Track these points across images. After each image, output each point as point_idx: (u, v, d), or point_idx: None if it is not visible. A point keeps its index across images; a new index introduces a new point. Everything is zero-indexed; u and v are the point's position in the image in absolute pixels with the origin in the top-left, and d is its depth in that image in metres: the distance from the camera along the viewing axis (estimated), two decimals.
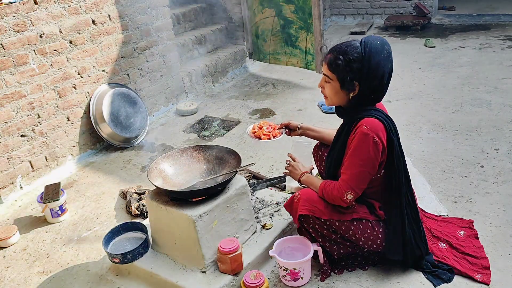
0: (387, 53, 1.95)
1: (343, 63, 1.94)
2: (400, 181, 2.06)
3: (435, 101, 4.10)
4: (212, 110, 4.47)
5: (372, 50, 1.92)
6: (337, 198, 2.02)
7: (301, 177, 2.23)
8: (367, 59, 1.92)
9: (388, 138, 1.99)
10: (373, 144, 1.93)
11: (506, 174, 2.91)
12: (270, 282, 2.22)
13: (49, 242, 2.75)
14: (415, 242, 2.12)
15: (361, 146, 1.95)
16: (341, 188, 2.00)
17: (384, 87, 2.00)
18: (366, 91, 1.98)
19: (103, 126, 3.69)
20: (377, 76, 1.94)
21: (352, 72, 1.94)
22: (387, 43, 1.99)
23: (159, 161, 2.36)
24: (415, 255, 2.14)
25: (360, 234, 2.09)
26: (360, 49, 1.94)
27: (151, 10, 4.17)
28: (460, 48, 5.50)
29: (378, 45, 1.94)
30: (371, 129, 1.94)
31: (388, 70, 1.96)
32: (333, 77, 2.00)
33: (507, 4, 7.25)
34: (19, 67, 3.18)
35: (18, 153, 3.25)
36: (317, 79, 4.87)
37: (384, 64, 1.94)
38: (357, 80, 1.95)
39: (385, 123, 1.98)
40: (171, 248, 2.26)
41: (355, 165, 1.98)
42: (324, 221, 2.08)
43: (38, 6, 3.24)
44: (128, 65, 4.04)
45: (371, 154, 1.95)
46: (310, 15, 4.53)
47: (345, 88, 1.99)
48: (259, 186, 2.84)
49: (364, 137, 1.94)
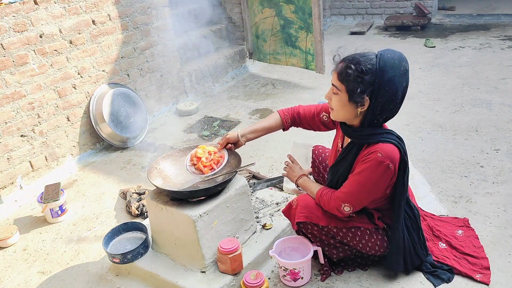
0: (403, 69, 1.82)
1: (354, 73, 1.81)
2: (404, 197, 2.03)
3: (435, 101, 4.10)
4: (212, 110, 4.47)
5: (387, 64, 1.80)
6: (334, 208, 1.99)
7: (298, 180, 2.22)
8: (381, 72, 1.79)
9: (401, 161, 1.92)
10: (386, 172, 1.87)
11: (506, 174, 2.91)
12: (270, 282, 2.22)
13: (49, 242, 2.75)
14: (415, 251, 2.12)
15: (373, 172, 1.88)
16: (339, 199, 1.96)
17: (396, 106, 1.87)
18: (377, 108, 1.86)
19: (103, 126, 3.70)
20: (389, 92, 1.81)
21: (363, 84, 1.81)
22: (405, 59, 1.86)
23: (159, 161, 2.36)
24: (414, 264, 2.15)
25: (358, 240, 2.08)
26: (375, 61, 1.81)
27: (151, 10, 4.17)
28: (460, 48, 5.50)
29: (395, 59, 1.82)
30: (387, 157, 1.85)
31: (402, 88, 1.84)
32: (341, 87, 1.87)
33: (507, 4, 7.24)
34: (19, 67, 3.18)
35: (18, 153, 3.25)
36: (317, 79, 4.88)
37: (399, 82, 1.81)
38: (368, 94, 1.82)
39: (400, 148, 1.91)
40: (171, 248, 2.26)
41: (361, 186, 1.92)
42: (322, 228, 2.07)
43: (38, 6, 3.24)
44: (128, 65, 4.04)
45: (380, 181, 1.90)
46: (310, 15, 4.53)
47: (353, 101, 1.85)
48: (259, 186, 2.84)
49: (378, 164, 1.86)
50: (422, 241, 2.16)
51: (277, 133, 3.95)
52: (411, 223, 2.11)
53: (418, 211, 2.17)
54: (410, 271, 2.16)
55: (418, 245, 2.13)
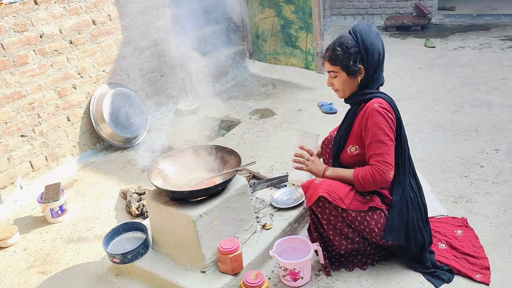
0: (375, 32, 2.10)
1: (341, 52, 2.07)
2: (405, 161, 2.12)
3: (435, 101, 4.10)
4: (212, 110, 4.46)
5: (363, 32, 2.08)
6: (382, 181, 2.03)
7: (325, 172, 2.19)
8: (361, 41, 2.06)
9: (395, 115, 2.09)
10: (387, 115, 2.04)
11: (506, 174, 2.91)
12: (270, 282, 2.22)
13: (49, 242, 2.75)
14: (419, 227, 2.13)
15: (379, 121, 2.02)
16: (381, 169, 2.02)
17: (382, 63, 2.12)
18: (370, 71, 2.09)
19: (103, 126, 3.70)
20: (374, 53, 2.07)
21: (352, 56, 2.06)
22: (373, 25, 2.19)
23: (159, 161, 2.36)
24: (417, 241, 2.13)
25: (374, 225, 2.09)
26: (352, 36, 2.09)
27: (151, 10, 4.17)
28: (460, 48, 5.50)
29: (366, 27, 2.10)
30: (381, 106, 2.04)
31: (381, 47, 2.10)
32: (337, 69, 2.11)
33: (507, 4, 7.25)
34: (19, 67, 3.18)
35: (18, 153, 3.25)
36: (317, 79, 4.88)
37: (376, 42, 2.08)
38: (360, 61, 2.07)
39: (390, 103, 2.10)
40: (171, 248, 2.26)
41: (382, 141, 2.03)
42: (341, 212, 2.07)
43: (38, 6, 3.25)
44: (128, 65, 4.04)
45: (389, 125, 2.04)
46: (310, 15, 4.53)
47: (352, 73, 2.09)
48: (259, 186, 2.84)
49: (377, 113, 2.03)
50: (427, 220, 2.19)
51: (277, 133, 3.95)
52: (414, 195, 2.15)
53: (421, 190, 2.22)
54: (411, 247, 2.14)
55: (421, 222, 2.15)
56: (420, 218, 2.16)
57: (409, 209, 2.11)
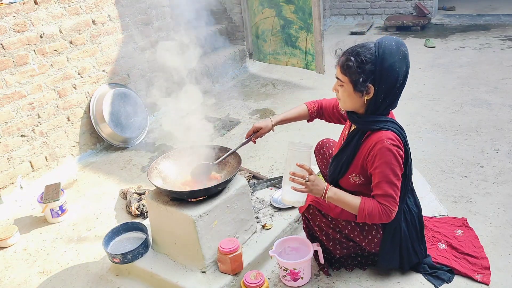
0: (402, 54, 1.85)
1: (354, 64, 1.85)
2: (407, 189, 2.04)
3: (435, 101, 4.10)
4: (212, 110, 4.46)
5: (386, 51, 1.84)
6: (387, 219, 1.92)
7: (326, 192, 1.93)
8: (380, 60, 1.83)
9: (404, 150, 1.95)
10: (397, 154, 1.88)
11: (506, 174, 2.91)
12: (270, 282, 2.22)
13: (49, 242, 2.75)
14: (413, 248, 2.11)
15: (389, 161, 1.87)
16: (390, 209, 1.90)
17: (398, 90, 1.91)
18: (380, 95, 1.89)
19: (103, 126, 3.70)
20: (391, 78, 1.85)
21: (365, 74, 1.85)
22: (403, 44, 1.88)
23: (159, 161, 2.36)
24: (411, 262, 2.14)
25: (364, 236, 2.08)
26: (374, 50, 1.85)
27: (151, 10, 4.17)
28: (460, 48, 5.50)
29: (393, 46, 1.85)
30: (392, 143, 1.88)
31: (402, 73, 1.87)
32: (345, 80, 1.91)
33: (507, 4, 7.24)
34: (19, 67, 3.18)
35: (18, 153, 3.25)
36: (317, 79, 4.88)
37: (399, 67, 1.85)
38: (371, 82, 1.86)
39: (401, 137, 1.93)
40: (171, 248, 2.26)
41: (392, 181, 1.89)
42: (331, 220, 2.07)
43: (38, 6, 3.25)
44: (128, 65, 4.04)
45: (399, 164, 1.90)
46: (310, 15, 4.53)
47: (358, 91, 1.88)
48: (259, 186, 2.84)
49: (389, 152, 1.87)
50: (422, 240, 2.15)
51: (277, 133, 3.94)
52: (411, 218, 2.10)
53: (420, 209, 2.16)
54: (405, 269, 2.15)
55: (416, 243, 2.12)
56: (416, 239, 2.12)
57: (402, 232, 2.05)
